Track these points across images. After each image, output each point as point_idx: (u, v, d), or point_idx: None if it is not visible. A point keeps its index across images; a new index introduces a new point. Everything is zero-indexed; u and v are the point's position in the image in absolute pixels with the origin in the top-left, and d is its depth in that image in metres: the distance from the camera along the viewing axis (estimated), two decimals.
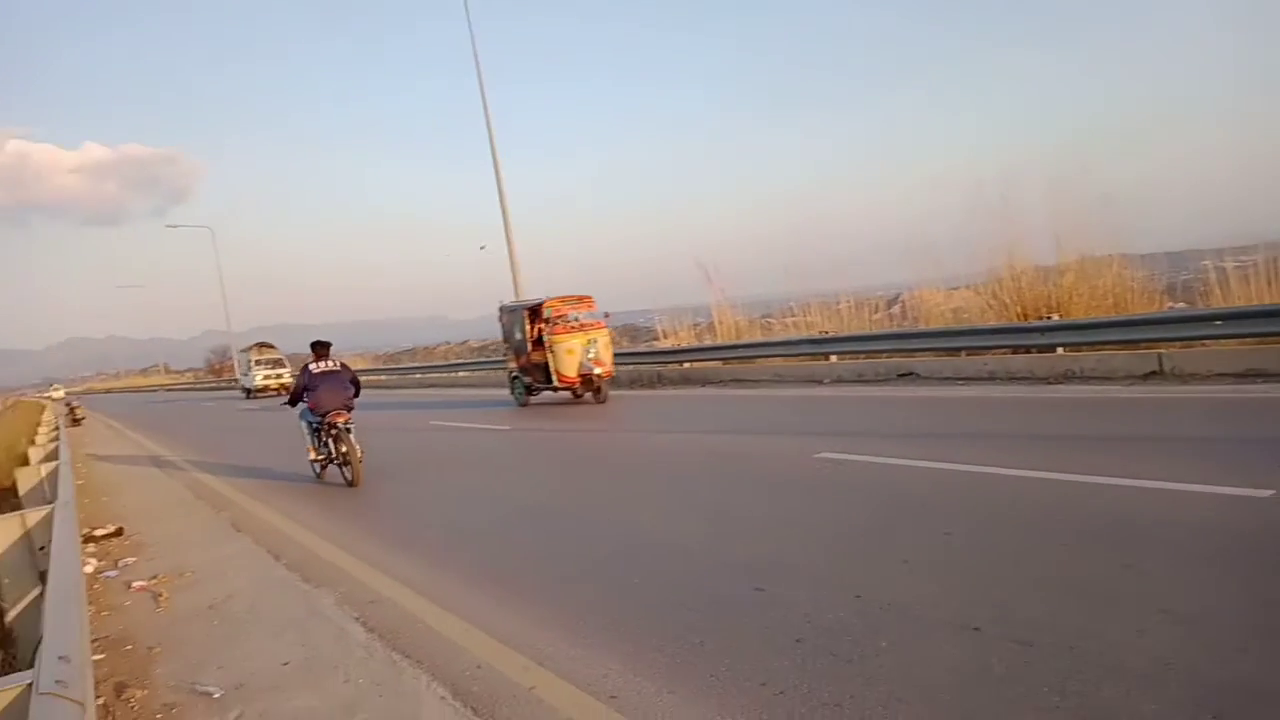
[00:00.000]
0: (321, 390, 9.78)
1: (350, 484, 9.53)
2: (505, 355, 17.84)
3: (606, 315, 16.39)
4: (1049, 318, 12.06)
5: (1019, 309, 13.03)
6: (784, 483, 7.06)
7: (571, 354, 15.25)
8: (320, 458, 10.16)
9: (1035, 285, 13.02)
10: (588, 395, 15.92)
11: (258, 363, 38.72)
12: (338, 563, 6.25)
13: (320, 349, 10.19)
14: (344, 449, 9.59)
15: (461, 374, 29.54)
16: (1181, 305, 12.72)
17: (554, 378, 15.57)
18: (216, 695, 4.09)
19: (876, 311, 16.64)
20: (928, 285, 15.82)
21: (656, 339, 22.92)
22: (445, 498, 8.58)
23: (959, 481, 6.27)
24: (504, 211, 23.79)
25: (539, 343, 16.38)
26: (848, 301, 16.82)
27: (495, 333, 18.84)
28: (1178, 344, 10.52)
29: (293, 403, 10.21)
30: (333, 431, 9.72)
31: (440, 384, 28.53)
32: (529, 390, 16.82)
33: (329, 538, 7.06)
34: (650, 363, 19.32)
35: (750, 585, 4.56)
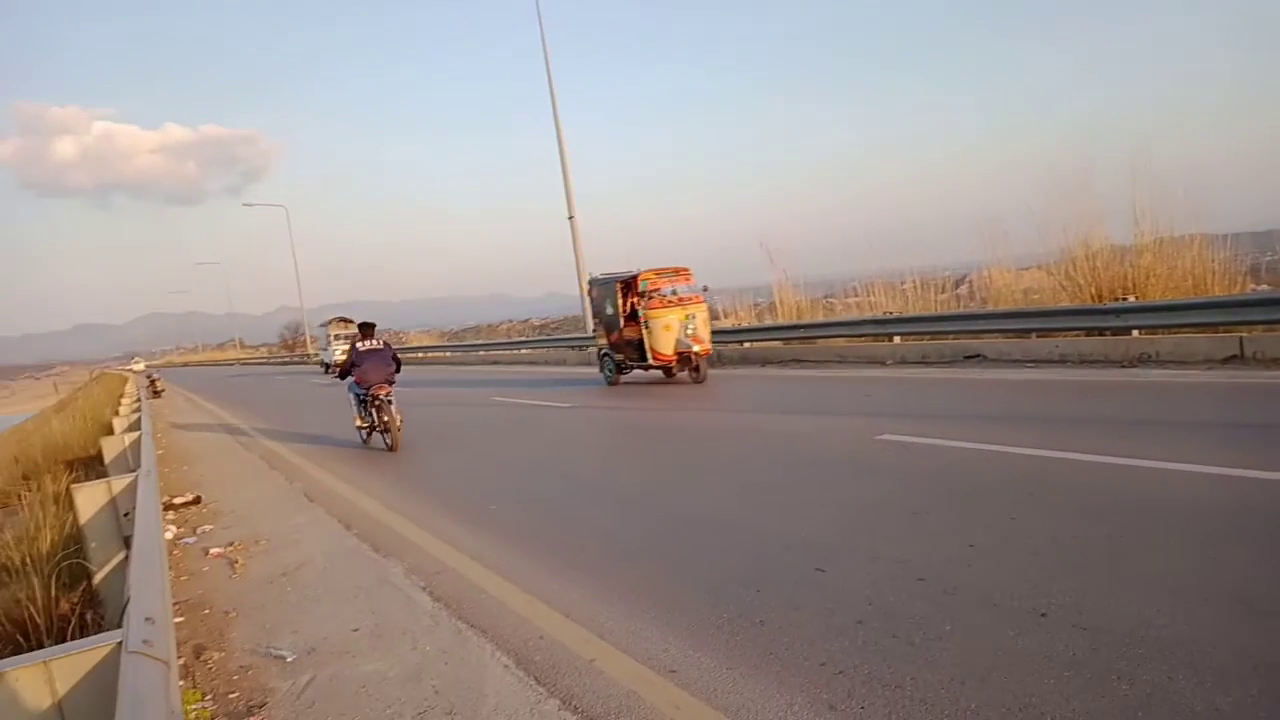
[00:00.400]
0: (366, 366, 10.85)
1: (390, 449, 10.61)
2: (595, 331, 16.82)
3: (705, 289, 15.45)
4: (1124, 299, 11.66)
5: (1093, 290, 12.62)
6: (846, 464, 7.00)
7: (669, 330, 14.42)
8: (365, 425, 11.31)
9: (1111, 265, 12.58)
10: (684, 374, 15.05)
11: (337, 337, 37.42)
12: (405, 533, 6.41)
13: (366, 329, 11.30)
14: (385, 418, 10.67)
15: (523, 351, 29.86)
16: (1265, 287, 12.18)
17: (648, 355, 14.79)
18: (289, 659, 4.25)
19: (943, 291, 16.27)
20: (997, 265, 15.40)
21: (716, 318, 22.86)
22: (508, 472, 8.70)
23: (1027, 466, 6.14)
24: (567, 189, 23.91)
25: (632, 318, 15.50)
26: (913, 281, 16.51)
27: (557, 311, 18.78)
28: (1260, 327, 10.08)
29: (342, 376, 11.28)
30: (375, 402, 10.79)
31: (502, 360, 28.91)
32: (620, 368, 15.93)
33: (397, 509, 7.24)
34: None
35: (811, 565, 4.55)
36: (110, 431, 10.44)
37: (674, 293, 14.88)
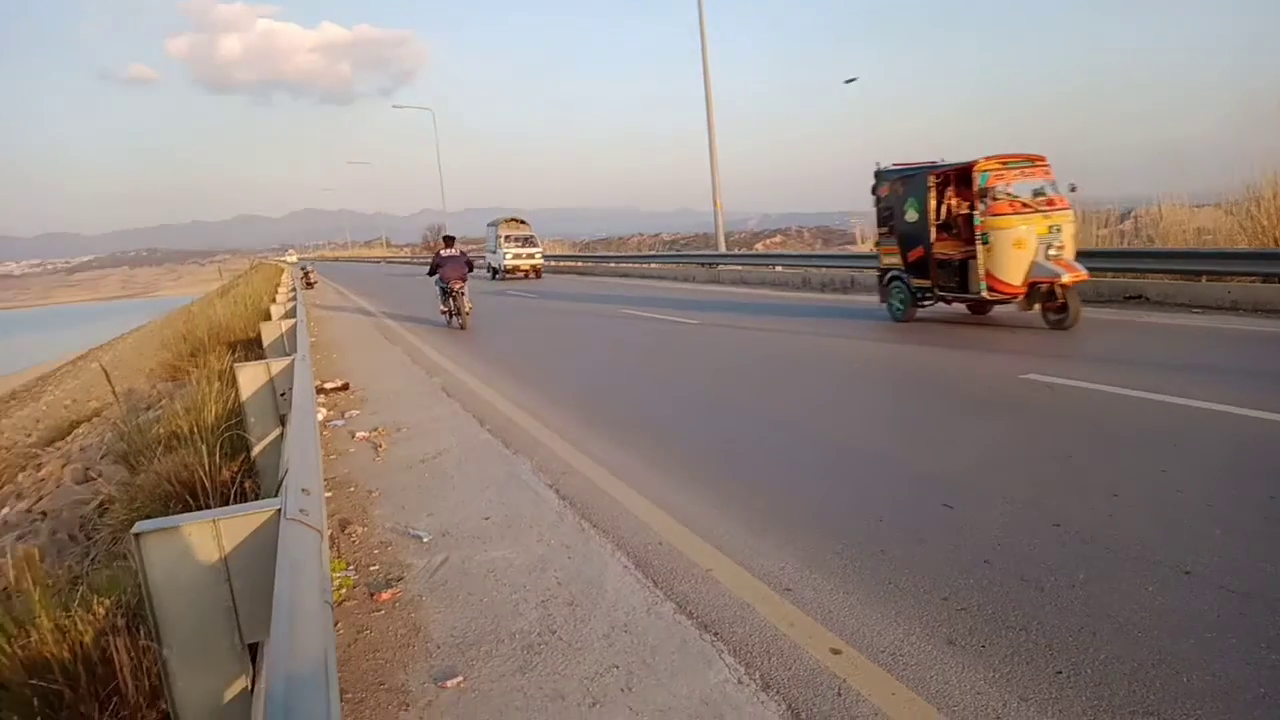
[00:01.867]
0: (447, 267, 14.92)
1: (461, 328, 14.56)
2: (879, 243, 12.41)
3: (1073, 188, 10.64)
4: None
5: (1277, 233, 11.48)
6: (986, 401, 6.74)
7: (1021, 247, 9.82)
8: (445, 310, 15.24)
9: None
10: (1033, 312, 10.25)
11: (508, 239, 32.84)
12: (535, 434, 6.63)
13: (448, 241, 16.05)
14: (458, 304, 14.79)
15: (652, 265, 29.90)
16: None
17: (979, 283, 10.27)
18: (425, 539, 4.52)
19: (1105, 225, 15.15)
20: (1169, 201, 14.16)
21: (853, 243, 22.13)
22: (636, 383, 8.82)
23: (1183, 417, 5.75)
24: (708, 102, 23.40)
25: (946, 228, 11.32)
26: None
27: (687, 227, 18.18)
28: None
29: (431, 274, 15.35)
30: (452, 293, 14.82)
31: (631, 274, 29.01)
32: (917, 298, 11.55)
33: (529, 411, 7.48)
34: (843, 266, 18.67)
35: (939, 501, 4.45)
36: (268, 317, 11.14)
37: (1038, 193, 10.38)
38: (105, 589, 2.95)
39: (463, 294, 14.74)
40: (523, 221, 34.68)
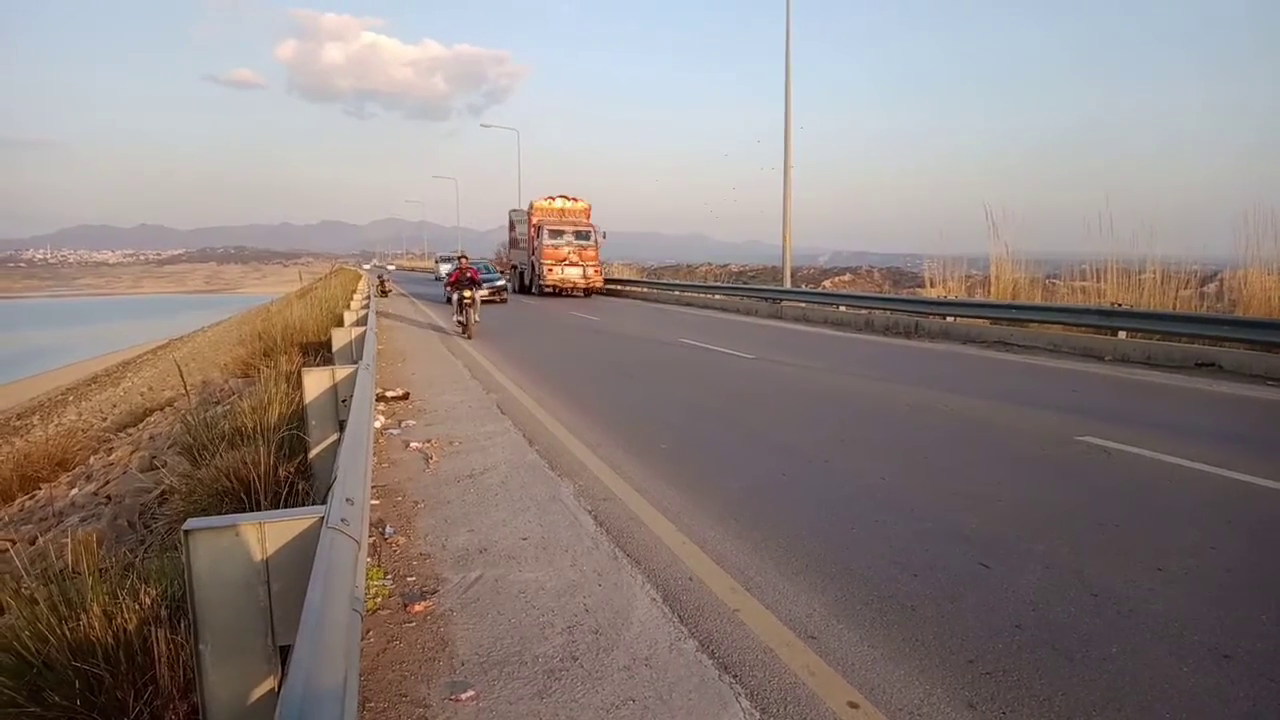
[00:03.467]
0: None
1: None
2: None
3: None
4: None
5: None
6: (1036, 460, 6.61)
7: None
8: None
9: None
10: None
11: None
12: (581, 458, 6.73)
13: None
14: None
15: (716, 297, 29.85)
16: None
17: None
18: (464, 554, 4.63)
19: (1185, 287, 14.68)
20: (1257, 264, 13.65)
21: (922, 286, 21.83)
22: (688, 417, 8.86)
23: (1242, 493, 5.57)
24: (787, 138, 23.46)
25: None
26: (1153, 271, 14.93)
27: (756, 259, 17.77)
28: None
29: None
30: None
31: (694, 303, 29.04)
32: None
33: (577, 434, 7.59)
34: (908, 311, 18.47)
35: (976, 559, 4.40)
36: (340, 323, 11.50)
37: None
38: (154, 579, 3.12)
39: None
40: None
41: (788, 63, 23.00)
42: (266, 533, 2.42)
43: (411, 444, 7.33)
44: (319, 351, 12.01)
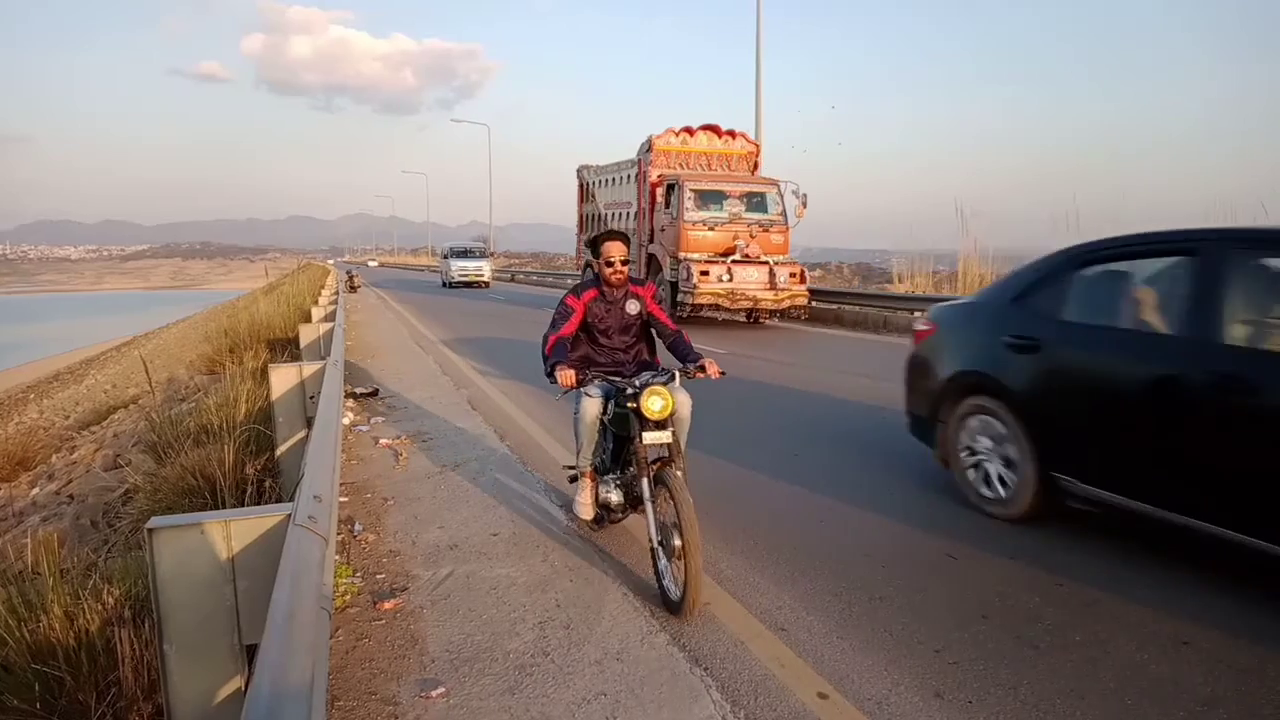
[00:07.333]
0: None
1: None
2: None
3: None
4: None
5: None
6: None
7: None
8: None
9: None
10: None
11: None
12: (552, 452, 6.70)
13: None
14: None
15: None
16: None
17: None
18: (433, 551, 4.60)
19: None
20: None
21: (890, 283, 22.02)
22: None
23: None
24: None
25: None
26: None
27: None
28: None
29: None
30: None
31: None
32: None
33: (548, 428, 7.56)
34: (876, 306, 18.60)
35: (943, 552, 4.45)
36: (308, 319, 11.36)
37: None
38: (117, 579, 3.07)
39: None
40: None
41: (758, 63, 23.03)
42: (232, 531, 2.39)
43: (381, 440, 7.27)
44: (287, 348, 11.87)
